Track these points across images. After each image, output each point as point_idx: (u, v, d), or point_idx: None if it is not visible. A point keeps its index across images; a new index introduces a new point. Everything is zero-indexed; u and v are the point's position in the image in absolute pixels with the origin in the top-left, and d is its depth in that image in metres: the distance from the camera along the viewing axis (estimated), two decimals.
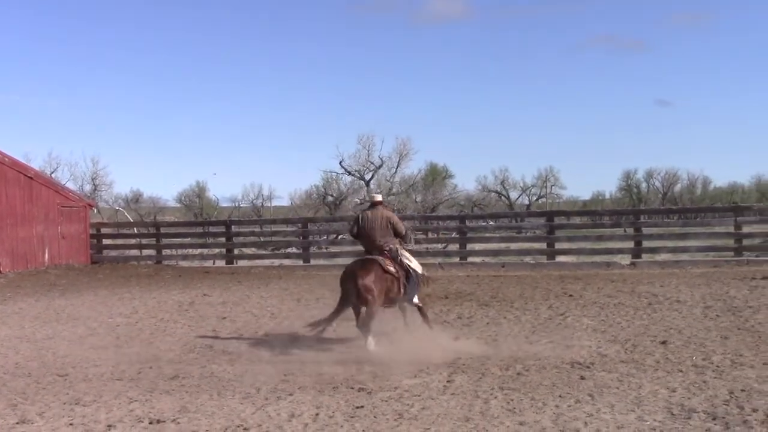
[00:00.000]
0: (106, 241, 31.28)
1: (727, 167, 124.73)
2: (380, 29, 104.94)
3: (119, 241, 31.90)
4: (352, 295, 11.71)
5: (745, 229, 25.00)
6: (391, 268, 11.99)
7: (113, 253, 30.57)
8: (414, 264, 12.48)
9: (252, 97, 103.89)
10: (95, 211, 39.61)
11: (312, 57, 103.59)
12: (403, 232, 12.55)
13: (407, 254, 12.53)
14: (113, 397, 9.06)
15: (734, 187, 75.50)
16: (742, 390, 8.52)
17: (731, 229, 24.64)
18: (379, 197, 13.08)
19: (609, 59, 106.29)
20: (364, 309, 11.67)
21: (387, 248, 12.26)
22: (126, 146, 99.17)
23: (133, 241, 31.66)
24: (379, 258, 12.06)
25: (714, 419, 7.52)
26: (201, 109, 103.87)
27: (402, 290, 12.11)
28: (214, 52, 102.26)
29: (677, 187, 74.94)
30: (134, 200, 59.11)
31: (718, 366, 9.81)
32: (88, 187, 53.65)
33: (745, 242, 24.43)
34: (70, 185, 47.25)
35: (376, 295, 11.58)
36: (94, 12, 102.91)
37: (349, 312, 12.05)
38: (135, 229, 34.18)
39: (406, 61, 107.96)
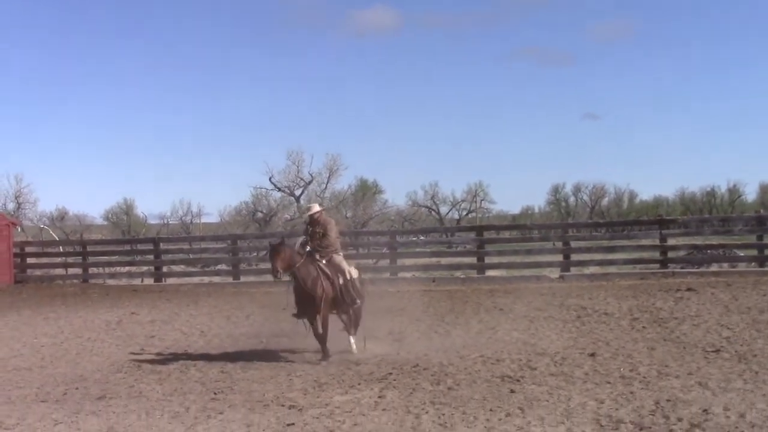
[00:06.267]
0: (30, 260, 30.51)
1: (652, 181, 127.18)
2: (308, 42, 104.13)
3: (44, 260, 31.13)
4: None
5: (670, 242, 25.50)
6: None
7: (38, 272, 29.84)
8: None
9: (180, 111, 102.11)
10: (19, 229, 38.69)
11: (240, 70, 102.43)
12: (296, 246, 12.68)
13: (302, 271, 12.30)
14: (38, 419, 8.85)
15: (659, 201, 76.87)
16: (668, 400, 8.68)
17: (657, 242, 25.07)
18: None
19: (538, 71, 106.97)
20: None
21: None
22: (50, 163, 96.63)
23: (58, 259, 30.92)
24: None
25: (641, 429, 7.66)
26: (127, 124, 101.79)
27: None
28: (140, 67, 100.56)
29: (604, 201, 76.13)
30: (59, 218, 57.54)
31: (644, 377, 9.99)
32: (11, 206, 52.16)
33: (671, 254, 24.87)
34: None
35: None
36: (16, 25, 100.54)
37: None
38: (60, 247, 33.40)
39: (334, 74, 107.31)
